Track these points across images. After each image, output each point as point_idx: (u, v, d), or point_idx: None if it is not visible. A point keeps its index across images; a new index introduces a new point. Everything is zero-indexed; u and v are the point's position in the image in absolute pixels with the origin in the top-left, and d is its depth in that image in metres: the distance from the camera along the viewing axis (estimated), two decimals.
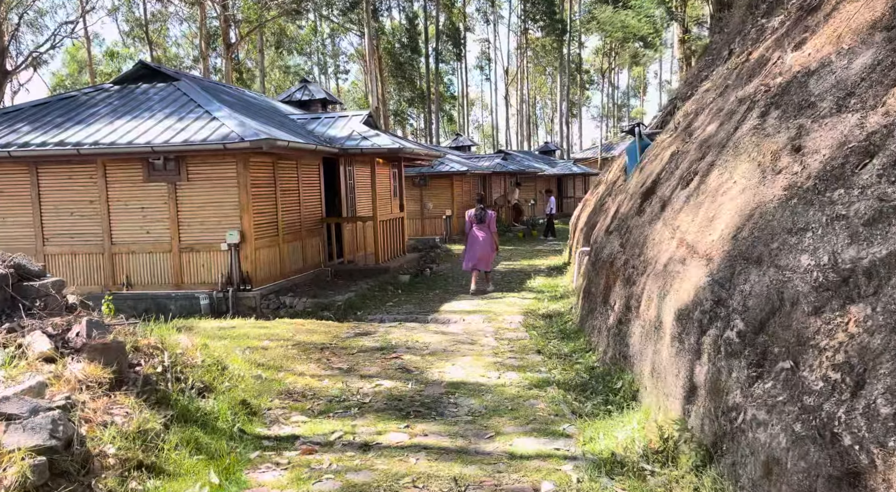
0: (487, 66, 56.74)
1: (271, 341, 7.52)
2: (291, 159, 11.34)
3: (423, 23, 40.15)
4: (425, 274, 13.64)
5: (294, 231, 11.44)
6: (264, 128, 9.83)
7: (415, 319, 9.22)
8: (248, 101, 12.77)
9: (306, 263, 11.83)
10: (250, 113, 11.13)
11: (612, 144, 49.19)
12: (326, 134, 12.37)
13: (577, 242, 12.39)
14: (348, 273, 12.45)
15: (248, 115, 10.62)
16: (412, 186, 22.83)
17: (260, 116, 11.26)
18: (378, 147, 11.64)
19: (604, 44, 50.41)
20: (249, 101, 13.07)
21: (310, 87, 17.26)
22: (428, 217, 23.29)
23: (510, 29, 50.42)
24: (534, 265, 15.76)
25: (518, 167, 26.73)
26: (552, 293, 11.02)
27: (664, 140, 7.97)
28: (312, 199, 12.26)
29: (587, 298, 7.95)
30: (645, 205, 6.65)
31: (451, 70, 47.72)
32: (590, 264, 8.32)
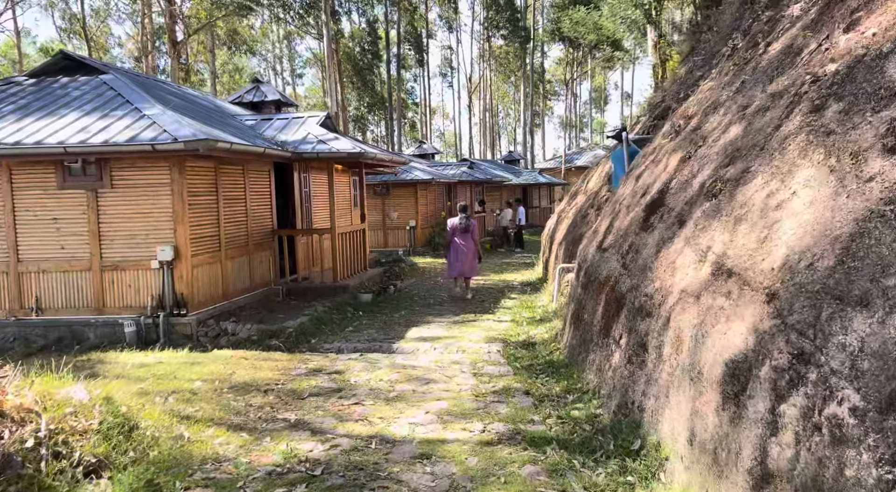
0: (450, 73, 55.92)
1: (204, 382, 6.21)
2: (237, 164, 10.02)
3: (384, 27, 39.04)
4: (389, 292, 12.42)
5: (239, 245, 10.10)
6: (203, 128, 8.52)
7: (378, 348, 8.01)
8: (189, 100, 11.39)
9: (254, 282, 10.49)
10: (190, 112, 9.79)
11: (578, 153, 48.90)
12: (278, 137, 11.08)
13: (555, 256, 11.40)
14: (302, 292, 11.14)
15: (186, 114, 9.28)
16: (373, 195, 21.61)
17: (201, 116, 9.92)
18: (336, 151, 10.42)
19: (566, 54, 50.18)
20: (191, 99, 11.69)
21: (262, 87, 15.89)
22: (391, 228, 22.08)
23: (473, 37, 49.76)
24: (506, 281, 14.71)
25: (484, 176, 25.77)
26: (531, 315, 9.95)
27: (664, 145, 7.00)
28: (262, 209, 10.94)
29: (578, 326, 6.90)
30: (653, 219, 5.63)
31: (413, 77, 46.76)
32: (580, 286, 7.28)
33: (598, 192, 10.41)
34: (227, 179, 9.75)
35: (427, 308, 11.13)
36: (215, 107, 12.29)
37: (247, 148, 8.77)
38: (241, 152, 8.86)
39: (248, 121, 11.95)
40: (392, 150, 36.06)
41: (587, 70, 58.61)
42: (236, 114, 12.44)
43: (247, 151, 8.83)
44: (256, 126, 11.64)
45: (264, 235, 10.98)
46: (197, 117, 9.48)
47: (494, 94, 55.47)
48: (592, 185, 11.21)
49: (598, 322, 6.12)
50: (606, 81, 75.06)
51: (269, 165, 11.16)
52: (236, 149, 8.45)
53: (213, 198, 9.33)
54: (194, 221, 8.78)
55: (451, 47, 53.48)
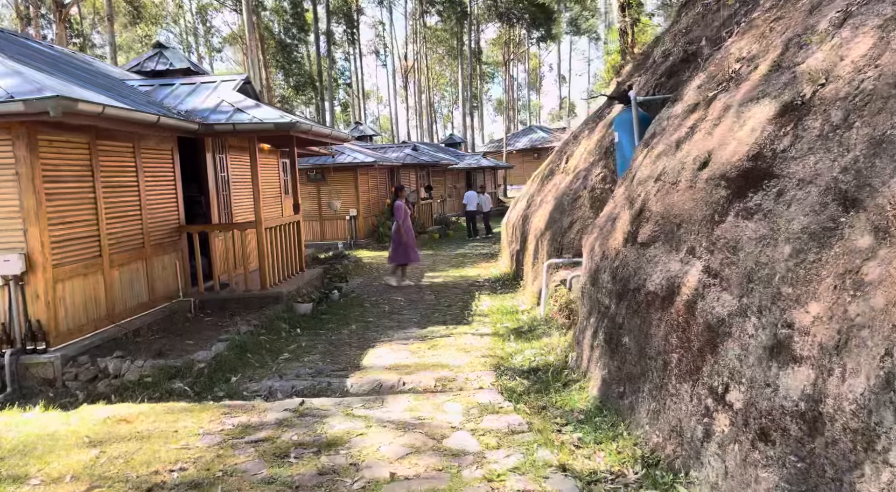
0: (384, 52, 53.10)
1: (44, 481, 3.84)
2: (124, 141, 7.47)
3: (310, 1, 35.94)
4: (333, 298, 10.13)
5: (132, 249, 7.58)
6: (62, 84, 5.97)
7: (326, 387, 5.80)
8: (58, 58, 8.66)
9: (154, 295, 7.99)
10: (55, 70, 7.16)
11: (518, 135, 47.36)
12: (182, 106, 8.55)
13: (534, 250, 9.42)
14: (221, 304, 8.72)
15: (48, 71, 6.68)
16: (307, 181, 19.10)
17: (71, 76, 7.30)
18: (259, 122, 8.01)
19: (503, 32, 48.42)
20: (62, 58, 8.94)
21: (167, 53, 13.07)
22: (328, 218, 19.63)
23: (407, 13, 47.10)
24: (468, 277, 12.67)
25: (431, 159, 23.60)
26: (515, 325, 7.95)
27: (715, 98, 5.05)
28: (164, 200, 8.41)
29: (614, 354, 4.91)
30: (758, 198, 3.66)
31: (345, 55, 43.74)
32: (606, 295, 5.29)
33: (589, 170, 8.50)
34: (109, 161, 7.20)
35: (383, 318, 8.94)
36: (96, 69, 9.56)
37: (130, 114, 6.28)
38: (123, 120, 6.36)
39: (143, 87, 9.31)
40: None
41: (524, 50, 57.17)
42: (126, 79, 9.75)
43: (130, 118, 6.34)
44: (153, 93, 9.04)
45: (168, 232, 8.46)
46: (61, 75, 6.88)
47: (431, 75, 53.12)
48: (578, 163, 9.32)
49: (658, 354, 4.14)
50: (541, 63, 74.11)
51: (172, 143, 8.61)
52: (112, 115, 5.95)
53: (87, 185, 6.78)
54: (57, 219, 6.24)
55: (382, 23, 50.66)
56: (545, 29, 41.79)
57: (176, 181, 8.73)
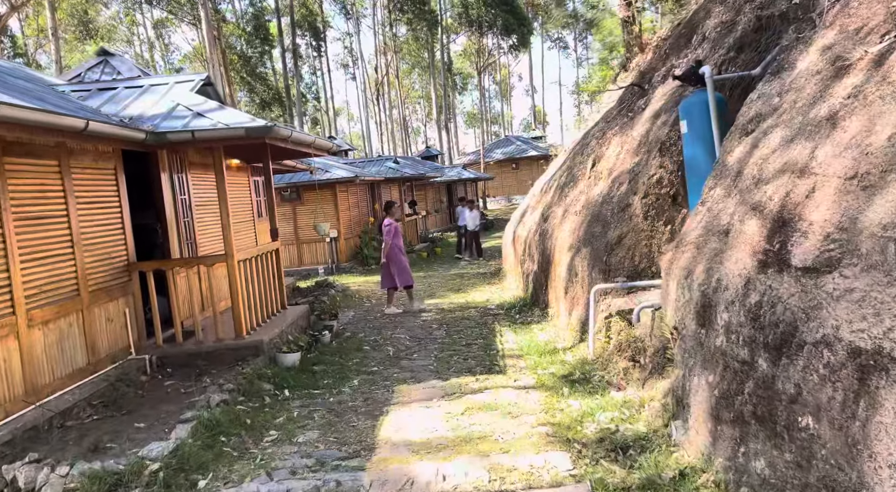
0: (352, 64, 51.47)
1: None
2: (45, 157, 5.65)
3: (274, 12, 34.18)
4: (323, 341, 8.35)
5: (61, 299, 5.73)
6: None
7: (335, 489, 4.05)
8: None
9: (95, 357, 6.13)
10: None
11: (495, 146, 46.03)
12: (126, 112, 6.77)
13: (571, 270, 7.78)
14: (185, 361, 6.89)
15: None
16: (281, 201, 17.28)
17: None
18: (226, 127, 6.25)
19: (475, 41, 47.22)
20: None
21: (113, 61, 11.19)
22: (306, 241, 17.80)
23: (375, 22, 45.55)
24: (475, 304, 10.98)
25: (414, 172, 21.95)
26: (564, 371, 6.28)
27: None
28: (106, 231, 6.58)
29: (780, 440, 3.25)
30: None
31: (312, 69, 41.90)
32: (749, 347, 3.66)
33: (636, 172, 6.93)
34: (22, 185, 5.38)
35: (391, 366, 7.20)
36: (13, 71, 7.71)
37: (37, 117, 4.49)
38: (30, 126, 4.58)
39: (77, 92, 7.50)
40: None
41: (494, 60, 56.11)
42: (55, 84, 7.92)
43: (40, 122, 4.56)
44: (90, 99, 7.23)
45: (114, 273, 6.62)
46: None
47: (402, 88, 51.61)
48: (614, 165, 7.75)
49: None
50: (511, 74, 73.36)
51: (115, 159, 6.80)
52: (8, 116, 4.17)
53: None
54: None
55: (350, 34, 49.05)
56: (518, 36, 40.68)
57: (122, 207, 6.90)
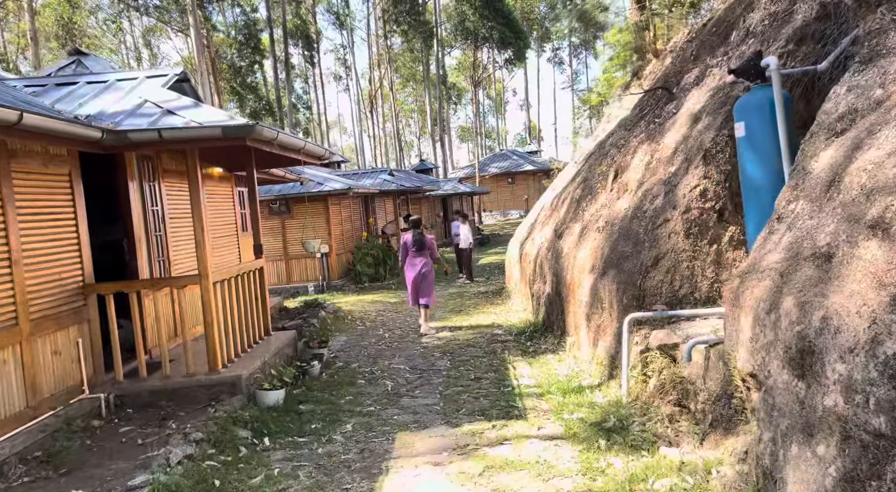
0: (346, 76, 50.74)
1: None
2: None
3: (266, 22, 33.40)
4: (312, 373, 7.35)
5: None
6: None
7: None
8: None
9: (37, 398, 5.09)
10: None
11: (490, 160, 45.30)
12: (83, 110, 5.81)
13: (594, 294, 6.82)
14: (148, 400, 5.87)
15: None
16: (269, 214, 16.30)
17: None
18: (199, 126, 5.30)
19: (470, 54, 46.61)
20: None
21: (87, 61, 10.33)
22: (295, 257, 16.79)
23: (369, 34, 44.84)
24: (480, 328, 10.01)
25: (412, 184, 21.05)
26: (592, 414, 5.32)
27: None
28: (55, 247, 5.58)
29: None
30: None
31: (304, 77, 41.06)
32: None
33: (673, 183, 6.01)
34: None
35: (390, 406, 6.20)
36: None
37: None
38: None
39: (29, 87, 6.53)
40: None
41: (489, 74, 55.57)
42: (4, 78, 6.96)
43: None
44: (44, 94, 6.26)
45: (64, 297, 5.61)
46: None
47: (396, 100, 50.91)
48: (644, 176, 6.83)
49: None
50: (505, 88, 73.02)
51: (70, 164, 5.81)
52: None
53: None
54: None
55: (344, 46, 48.34)
56: (514, 50, 40.12)
57: (78, 219, 5.91)
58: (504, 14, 35.93)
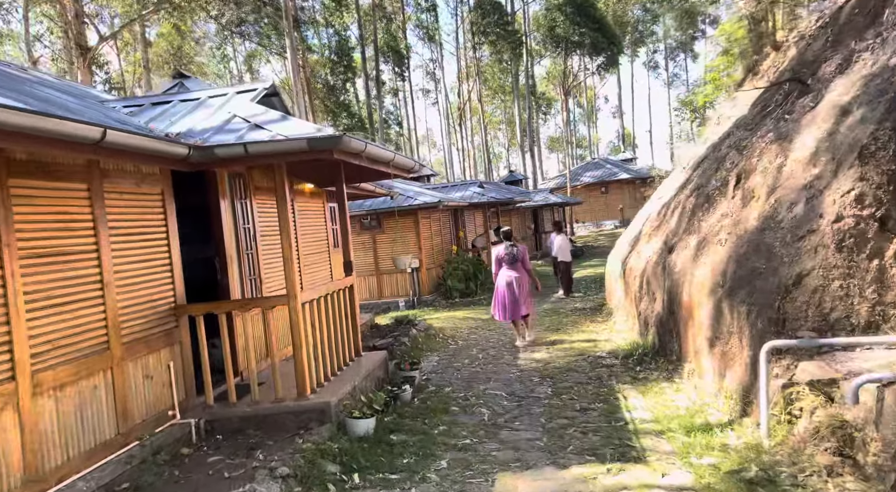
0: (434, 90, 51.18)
1: None
2: (69, 180, 4.61)
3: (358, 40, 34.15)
4: (404, 398, 6.93)
5: (84, 354, 4.62)
6: None
7: None
8: (4, 74, 6.02)
9: (126, 426, 4.96)
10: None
11: (583, 169, 44.03)
12: (174, 128, 5.73)
13: (717, 317, 5.97)
14: (237, 427, 5.64)
15: None
16: (360, 229, 16.27)
17: None
18: (284, 139, 5.03)
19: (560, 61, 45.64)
20: (11, 74, 6.32)
21: (188, 83, 10.58)
22: (386, 272, 16.65)
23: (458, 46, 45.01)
24: (581, 349, 9.26)
25: (503, 196, 20.53)
26: (728, 461, 4.51)
27: None
28: (148, 268, 5.49)
29: None
30: None
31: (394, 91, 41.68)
32: None
33: (816, 189, 5.09)
34: (36, 214, 4.32)
35: (487, 439, 5.64)
36: (76, 92, 6.92)
37: (33, 123, 3.36)
38: (25, 135, 3.48)
39: (126, 108, 6.59)
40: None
41: (580, 82, 54.24)
42: (106, 100, 7.09)
43: (35, 129, 3.44)
44: (140, 114, 6.28)
45: (157, 319, 5.51)
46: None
47: (484, 112, 50.71)
48: (777, 181, 5.90)
49: None
50: (596, 96, 71.16)
51: (162, 183, 5.74)
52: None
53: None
54: None
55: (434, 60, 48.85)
56: (606, 55, 38.81)
57: (170, 239, 5.82)
58: (596, 19, 34.86)
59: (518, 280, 9.69)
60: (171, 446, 5.17)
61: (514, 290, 9.65)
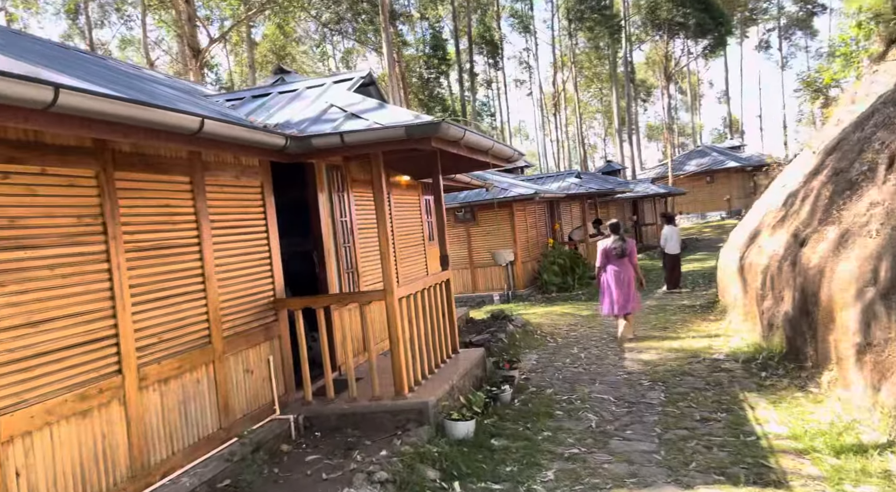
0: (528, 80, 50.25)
1: None
2: (171, 173, 4.61)
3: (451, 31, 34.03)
4: (503, 399, 6.59)
5: (187, 348, 4.61)
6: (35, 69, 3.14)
7: None
8: (116, 70, 6.19)
9: (228, 420, 4.93)
10: (91, 75, 4.47)
11: (686, 157, 41.79)
12: (272, 119, 5.66)
13: (866, 319, 5.19)
14: (334, 425, 5.52)
15: (72, 72, 3.98)
16: (454, 222, 16.06)
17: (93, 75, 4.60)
18: (381, 128, 4.81)
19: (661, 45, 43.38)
20: (122, 71, 6.50)
21: (289, 78, 10.72)
22: (480, 265, 16.36)
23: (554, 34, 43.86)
24: (693, 351, 8.52)
25: (602, 187, 19.69)
26: (890, 488, 3.83)
27: None
28: (248, 262, 5.46)
29: None
30: None
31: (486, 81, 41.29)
32: None
33: None
34: (139, 207, 4.33)
35: (596, 448, 5.18)
36: (174, 84, 7.07)
37: (118, 109, 3.28)
38: (122, 124, 3.43)
39: (230, 100, 6.64)
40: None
41: (683, 67, 51.40)
42: (209, 95, 7.19)
43: (124, 117, 3.37)
44: (240, 107, 6.29)
45: (256, 313, 5.48)
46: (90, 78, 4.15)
47: (580, 102, 49.21)
48: None
49: None
50: (700, 81, 67.32)
51: (262, 176, 5.70)
52: (83, 108, 2.99)
53: (89, 251, 3.90)
54: (11, 314, 3.37)
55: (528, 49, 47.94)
56: (713, 37, 36.41)
57: (269, 233, 5.78)
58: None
59: (626, 274, 9.37)
60: (270, 442, 5.11)
61: (623, 284, 9.32)
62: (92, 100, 3.07)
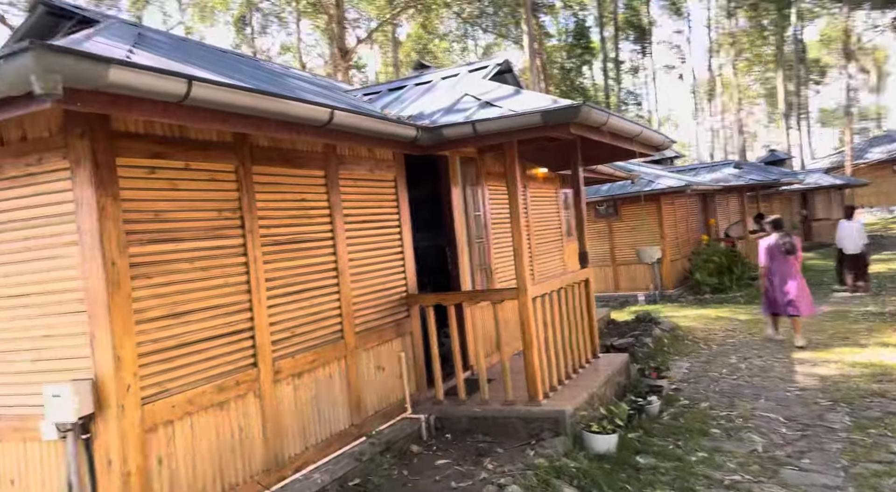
0: (681, 64, 47.12)
1: None
2: (307, 167, 4.62)
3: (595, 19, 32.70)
4: (650, 412, 5.98)
5: (319, 343, 4.62)
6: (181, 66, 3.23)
7: None
8: (265, 69, 6.42)
9: (359, 417, 4.88)
10: (241, 74, 4.64)
11: (868, 144, 36.87)
12: (406, 111, 5.55)
13: None
14: (465, 429, 5.29)
15: (221, 71, 4.13)
16: (595, 217, 15.29)
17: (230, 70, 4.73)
18: (513, 115, 4.47)
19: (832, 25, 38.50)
20: (269, 69, 6.73)
21: (427, 73, 10.76)
22: (623, 263, 15.44)
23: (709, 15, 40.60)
24: (885, 366, 7.25)
25: (766, 177, 17.81)
26: None
27: None
28: (379, 256, 5.40)
29: None
30: None
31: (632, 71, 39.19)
32: None
33: None
34: (276, 201, 4.37)
35: (763, 476, 4.46)
36: (315, 81, 7.22)
37: (242, 100, 3.23)
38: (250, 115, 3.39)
39: (367, 94, 6.66)
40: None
41: (863, 44, 45.29)
42: (349, 90, 7.28)
43: (257, 109, 3.33)
44: (377, 100, 6.27)
45: (388, 309, 5.40)
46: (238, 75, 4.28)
47: (739, 86, 45.22)
48: None
49: None
50: (887, 58, 59.06)
51: (395, 169, 5.62)
52: (212, 100, 2.97)
53: (227, 244, 3.97)
54: (156, 308, 3.48)
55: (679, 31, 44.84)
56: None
57: (402, 227, 5.68)
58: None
59: (794, 274, 8.65)
60: (400, 442, 4.99)
61: (790, 284, 8.61)
62: (222, 91, 3.06)
